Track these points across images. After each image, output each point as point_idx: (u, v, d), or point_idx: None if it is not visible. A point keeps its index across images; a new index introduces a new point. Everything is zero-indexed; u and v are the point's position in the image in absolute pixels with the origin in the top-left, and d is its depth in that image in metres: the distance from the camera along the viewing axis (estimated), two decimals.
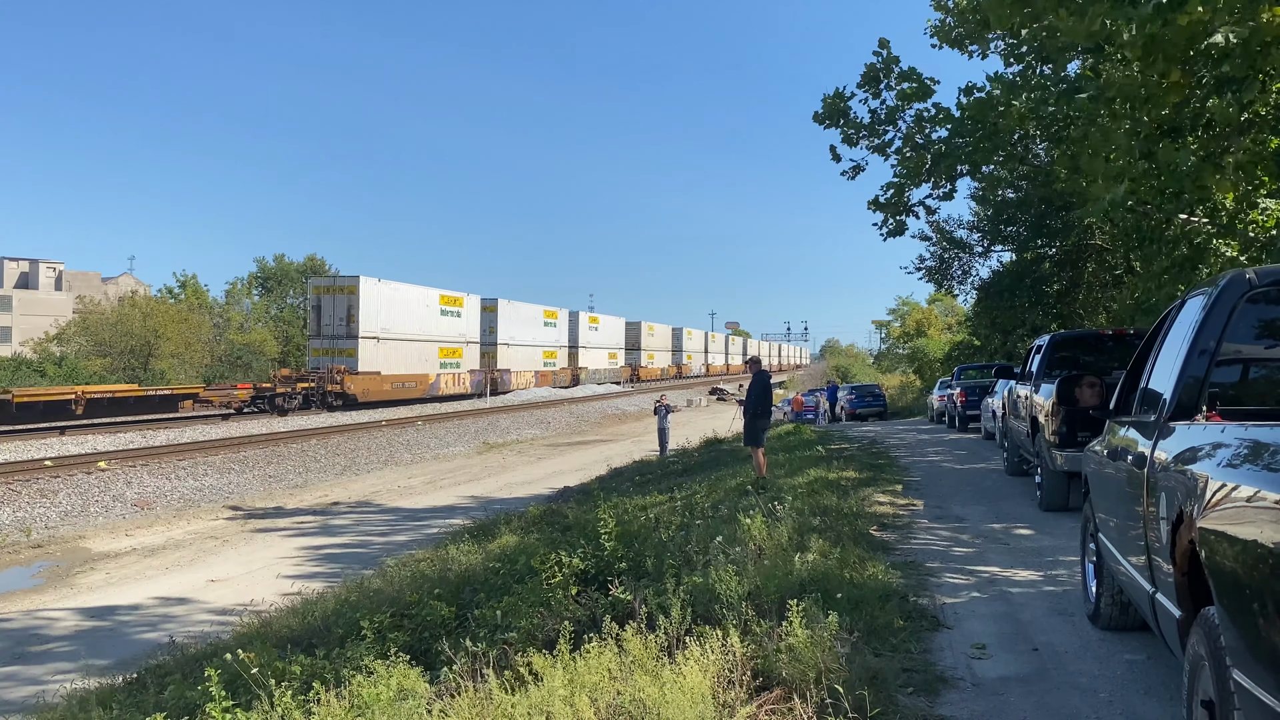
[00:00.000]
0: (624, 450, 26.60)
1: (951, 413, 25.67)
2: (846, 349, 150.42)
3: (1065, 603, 6.20)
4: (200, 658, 7.54)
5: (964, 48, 15.78)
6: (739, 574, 6.16)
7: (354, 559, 13.89)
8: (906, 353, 63.34)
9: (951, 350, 40.73)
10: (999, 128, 13.61)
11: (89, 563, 14.48)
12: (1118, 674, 4.81)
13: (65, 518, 17.54)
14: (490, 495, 20.77)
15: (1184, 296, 4.76)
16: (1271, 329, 4.18)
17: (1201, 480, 3.05)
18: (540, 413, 43.70)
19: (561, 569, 6.73)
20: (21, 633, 10.87)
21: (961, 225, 31.40)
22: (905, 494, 11.63)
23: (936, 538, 8.79)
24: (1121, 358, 10.30)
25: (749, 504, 9.55)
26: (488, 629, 6.06)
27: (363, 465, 25.96)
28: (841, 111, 14.98)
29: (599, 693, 4.28)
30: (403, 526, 17.29)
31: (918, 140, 14.68)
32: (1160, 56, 8.72)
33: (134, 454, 23.90)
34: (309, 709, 4.69)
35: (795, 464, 14.76)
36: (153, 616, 11.38)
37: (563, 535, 9.67)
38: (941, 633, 5.58)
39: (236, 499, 20.24)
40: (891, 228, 15.80)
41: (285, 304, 72.21)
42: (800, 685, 4.27)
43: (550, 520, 12.84)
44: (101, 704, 6.91)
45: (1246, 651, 2.52)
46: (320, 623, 8.19)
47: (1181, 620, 3.39)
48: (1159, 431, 4.02)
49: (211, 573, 13.61)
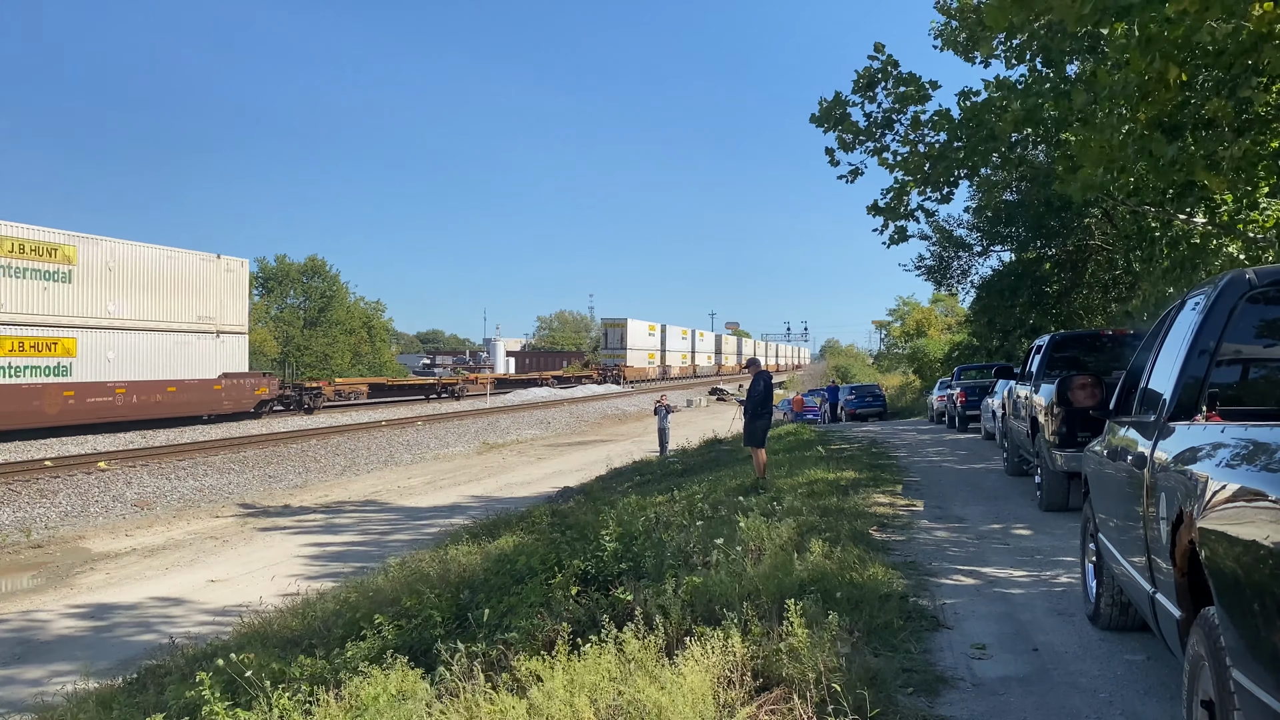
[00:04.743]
0: (624, 450, 26.60)
1: (951, 413, 25.67)
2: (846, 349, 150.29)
3: (1065, 603, 6.20)
4: (200, 658, 7.53)
5: (966, 52, 15.78)
6: (739, 574, 6.16)
7: (354, 559, 13.89)
8: (906, 353, 63.31)
9: (951, 350, 40.72)
10: (996, 131, 13.62)
11: (89, 563, 14.48)
12: (1118, 674, 4.80)
13: (65, 518, 17.54)
14: (490, 495, 20.78)
15: (1184, 296, 4.76)
16: (1271, 329, 4.18)
17: (1201, 480, 3.05)
18: (540, 413, 43.71)
19: (561, 570, 6.73)
20: (21, 633, 10.87)
21: (961, 225, 31.44)
22: (905, 494, 11.63)
23: (936, 538, 8.78)
24: (1121, 358, 10.30)
25: (749, 504, 9.55)
26: (487, 630, 6.06)
27: (363, 465, 25.97)
28: (838, 116, 14.96)
29: (599, 693, 4.28)
30: (403, 526, 17.29)
31: (918, 147, 14.66)
32: (1157, 55, 8.74)
33: (134, 454, 23.91)
34: (308, 709, 4.69)
35: (795, 464, 14.76)
36: (152, 617, 11.38)
37: (563, 536, 9.65)
38: (941, 633, 5.58)
39: (237, 499, 20.25)
40: (893, 234, 15.80)
41: (285, 304, 72.29)
42: (800, 685, 4.26)
43: (550, 520, 12.83)
44: (101, 704, 6.91)
45: (1246, 651, 2.52)
46: (320, 623, 8.19)
47: (1181, 620, 3.39)
48: (1159, 431, 4.02)
49: (211, 573, 13.61)
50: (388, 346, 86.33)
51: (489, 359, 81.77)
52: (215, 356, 32.64)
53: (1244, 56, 8.61)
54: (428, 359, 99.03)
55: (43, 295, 26.10)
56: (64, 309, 26.74)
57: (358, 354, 74.40)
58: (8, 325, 25.05)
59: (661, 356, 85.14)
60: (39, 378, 25.90)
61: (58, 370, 26.53)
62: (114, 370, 28.26)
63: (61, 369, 26.64)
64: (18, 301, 25.34)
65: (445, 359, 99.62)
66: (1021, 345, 25.09)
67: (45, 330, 26.11)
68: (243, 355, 34.58)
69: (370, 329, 77.86)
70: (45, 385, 26.01)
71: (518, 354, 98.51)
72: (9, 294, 25.14)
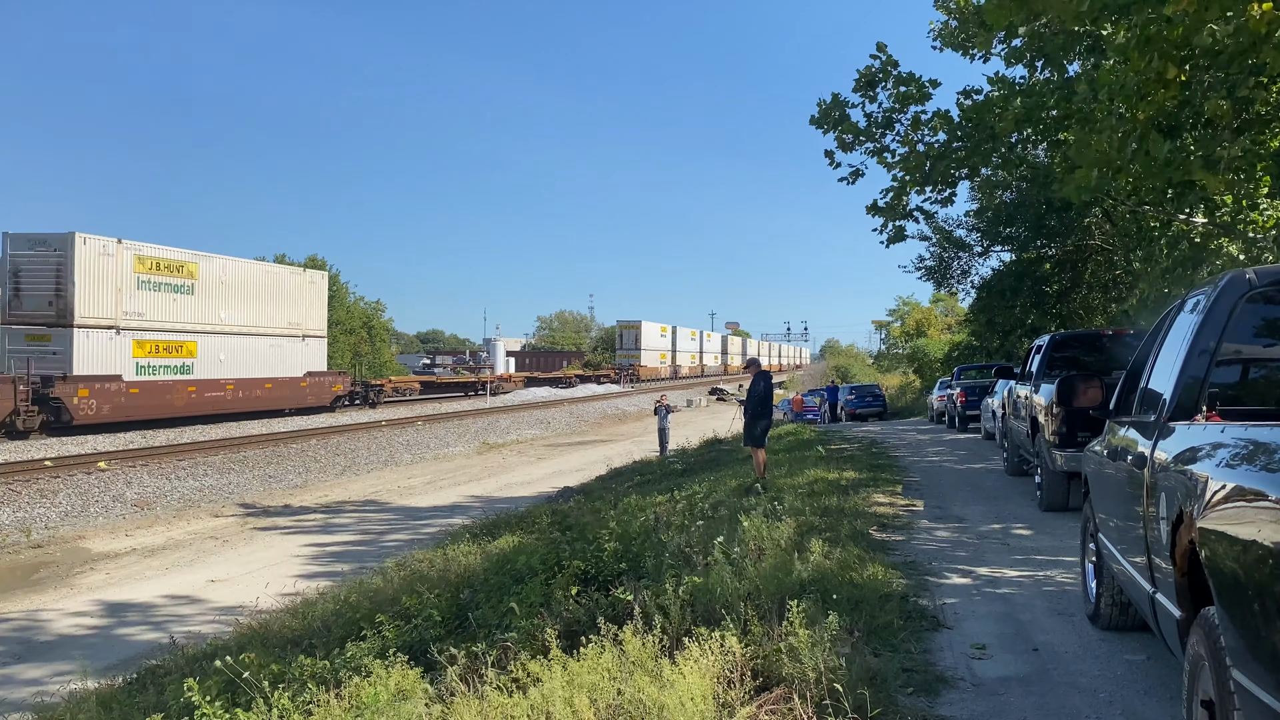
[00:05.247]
0: (624, 450, 26.60)
1: (951, 413, 25.67)
2: (846, 349, 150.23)
3: (1065, 603, 6.20)
4: (200, 658, 7.53)
5: (965, 50, 15.79)
6: (739, 574, 6.16)
7: (354, 559, 13.89)
8: (906, 353, 63.27)
9: (951, 350, 40.69)
10: (996, 130, 13.62)
11: (89, 563, 14.48)
12: (1118, 674, 4.80)
13: (65, 518, 17.54)
14: (490, 495, 20.77)
15: (1184, 296, 4.76)
16: (1271, 329, 4.18)
17: (1201, 480, 3.05)
18: (540, 413, 43.71)
19: (561, 570, 6.73)
20: (21, 633, 10.87)
21: (961, 225, 31.42)
22: (905, 494, 11.63)
23: (936, 538, 8.78)
24: (1121, 358, 10.29)
25: (749, 504, 9.55)
26: (487, 629, 6.06)
27: (362, 465, 25.97)
28: (837, 117, 14.95)
29: (598, 693, 4.28)
30: (403, 526, 17.30)
31: (917, 146, 14.66)
32: (1156, 55, 8.74)
33: (134, 454, 23.90)
34: (308, 710, 4.69)
35: (795, 464, 14.76)
36: (152, 617, 11.38)
37: (562, 536, 9.65)
38: (941, 633, 5.58)
39: (237, 499, 20.25)
40: (891, 234, 15.79)
41: None
42: (800, 685, 4.26)
43: (550, 520, 12.83)
44: (101, 704, 6.91)
45: (1246, 651, 2.52)
46: (320, 623, 8.19)
47: (1181, 620, 3.39)
48: (1159, 431, 4.02)
49: (211, 573, 13.61)
50: (388, 346, 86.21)
51: (489, 359, 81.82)
52: (301, 357, 37.08)
53: (1243, 56, 8.61)
54: (428, 359, 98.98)
55: (173, 305, 30.73)
56: (188, 317, 31.33)
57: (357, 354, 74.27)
58: (148, 330, 29.70)
59: (672, 357, 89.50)
60: (169, 375, 30.38)
61: (182, 369, 31.09)
62: (224, 369, 32.67)
63: (185, 368, 31.19)
64: (155, 311, 30.02)
65: (445, 359, 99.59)
66: (1021, 345, 25.07)
67: (174, 335, 30.79)
68: (322, 356, 39.33)
69: (370, 329, 77.73)
70: (174, 382, 30.43)
71: (518, 354, 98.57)
72: (148, 304, 29.75)
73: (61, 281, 27.23)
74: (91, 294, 27.69)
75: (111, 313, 28.40)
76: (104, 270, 28.14)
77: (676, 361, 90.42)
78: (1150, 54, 8.77)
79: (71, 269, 27.09)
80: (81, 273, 27.31)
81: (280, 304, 35.87)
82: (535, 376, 70.63)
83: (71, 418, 26.40)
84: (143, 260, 29.51)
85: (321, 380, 38.30)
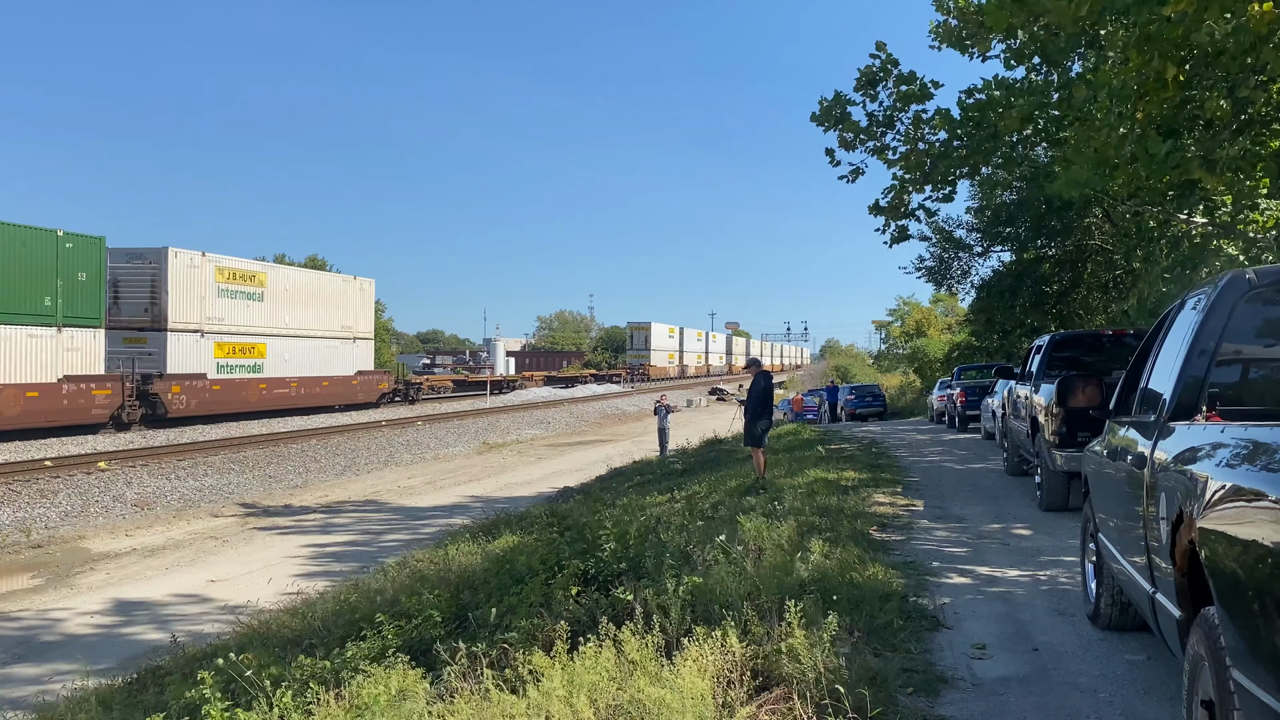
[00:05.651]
0: (624, 450, 26.59)
1: (951, 413, 25.67)
2: (846, 349, 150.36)
3: (1065, 603, 6.20)
4: (200, 658, 7.53)
5: (965, 48, 15.78)
6: (739, 574, 6.16)
7: (355, 559, 13.89)
8: (906, 353, 63.24)
9: (951, 350, 40.65)
10: (998, 130, 13.62)
11: (89, 563, 14.48)
12: (1117, 674, 4.81)
13: (65, 518, 17.54)
14: (490, 495, 20.78)
15: (1184, 296, 4.76)
16: (1271, 329, 4.18)
17: (1201, 480, 3.05)
18: (540, 413, 43.72)
19: (561, 569, 6.72)
20: (21, 633, 10.87)
21: (961, 225, 31.42)
22: (905, 494, 11.63)
23: (936, 538, 8.79)
24: (1121, 358, 10.29)
25: (749, 504, 9.55)
26: (487, 629, 6.05)
27: (362, 465, 25.97)
28: (839, 115, 14.95)
29: (598, 693, 4.28)
30: (403, 526, 17.30)
31: (919, 145, 14.66)
32: (1156, 55, 8.74)
33: (134, 454, 23.91)
34: (308, 710, 4.69)
35: (795, 464, 14.76)
36: (152, 617, 11.38)
37: (562, 536, 9.65)
38: (941, 633, 5.58)
39: (237, 499, 20.25)
40: (894, 234, 15.80)
41: None
42: (800, 685, 4.26)
43: (550, 520, 12.83)
44: (101, 704, 6.91)
45: (1246, 651, 2.52)
46: (320, 623, 8.18)
47: (1181, 620, 3.39)
48: (1159, 432, 4.02)
49: (211, 573, 13.61)
50: (388, 346, 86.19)
51: (489, 359, 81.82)
52: (352, 357, 40.73)
53: (1243, 56, 8.60)
54: (428, 359, 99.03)
55: (245, 311, 34.29)
56: (258, 321, 34.90)
57: None
58: (226, 334, 33.23)
59: (680, 357, 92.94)
60: (243, 374, 33.99)
61: (254, 369, 34.64)
62: (289, 369, 36.25)
63: (256, 368, 34.78)
64: (232, 316, 33.53)
65: (445, 359, 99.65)
66: (1021, 345, 25.06)
67: (247, 338, 34.32)
68: (370, 356, 42.86)
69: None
70: (248, 380, 34.10)
71: (518, 354, 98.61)
72: (227, 310, 33.27)
73: (156, 290, 30.78)
74: (181, 301, 31.18)
75: (197, 318, 31.87)
76: (191, 280, 31.69)
77: (684, 362, 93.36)
78: (1150, 54, 8.77)
79: (166, 279, 30.64)
80: (174, 282, 30.84)
81: (334, 309, 39.40)
82: (556, 377, 74.06)
83: (166, 411, 29.61)
84: (221, 270, 33.13)
85: (370, 379, 41.72)
